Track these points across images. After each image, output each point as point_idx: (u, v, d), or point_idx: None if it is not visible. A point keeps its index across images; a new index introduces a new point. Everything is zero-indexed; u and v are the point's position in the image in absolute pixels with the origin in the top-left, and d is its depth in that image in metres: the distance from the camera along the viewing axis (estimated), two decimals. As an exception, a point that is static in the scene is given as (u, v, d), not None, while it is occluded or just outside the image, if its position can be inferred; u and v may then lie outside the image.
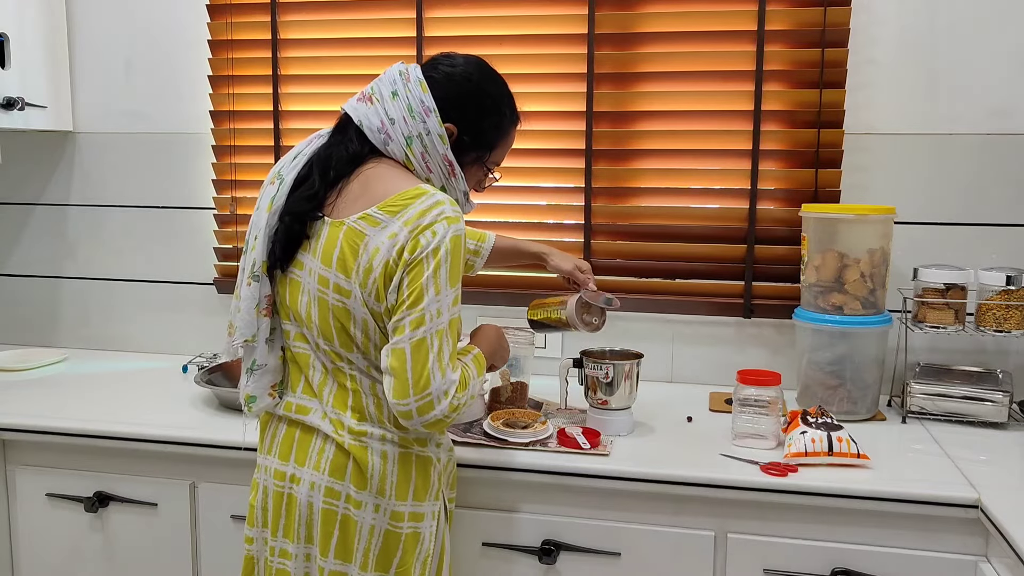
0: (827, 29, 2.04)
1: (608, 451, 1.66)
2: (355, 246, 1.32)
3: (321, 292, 1.36)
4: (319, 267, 1.36)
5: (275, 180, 1.42)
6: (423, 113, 1.39)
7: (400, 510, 1.38)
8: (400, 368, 1.28)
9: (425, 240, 1.29)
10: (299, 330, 1.41)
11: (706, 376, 2.19)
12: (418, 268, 1.29)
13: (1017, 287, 1.88)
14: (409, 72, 1.41)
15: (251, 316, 1.40)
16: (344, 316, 1.34)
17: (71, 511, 1.87)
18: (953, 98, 2.03)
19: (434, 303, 1.29)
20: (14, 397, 2.04)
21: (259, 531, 1.46)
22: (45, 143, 2.50)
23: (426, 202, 1.31)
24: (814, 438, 1.61)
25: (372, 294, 1.32)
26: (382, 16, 2.26)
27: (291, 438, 1.43)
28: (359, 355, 1.37)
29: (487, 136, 1.47)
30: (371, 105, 1.40)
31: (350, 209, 1.35)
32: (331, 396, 1.40)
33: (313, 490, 1.38)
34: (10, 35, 2.23)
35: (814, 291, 1.94)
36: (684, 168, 2.17)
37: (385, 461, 1.37)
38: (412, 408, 1.28)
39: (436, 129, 1.39)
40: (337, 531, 1.38)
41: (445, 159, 1.41)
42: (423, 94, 1.39)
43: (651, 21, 2.14)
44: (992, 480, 1.54)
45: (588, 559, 1.64)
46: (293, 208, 1.38)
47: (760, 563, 1.58)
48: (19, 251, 2.57)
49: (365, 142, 1.40)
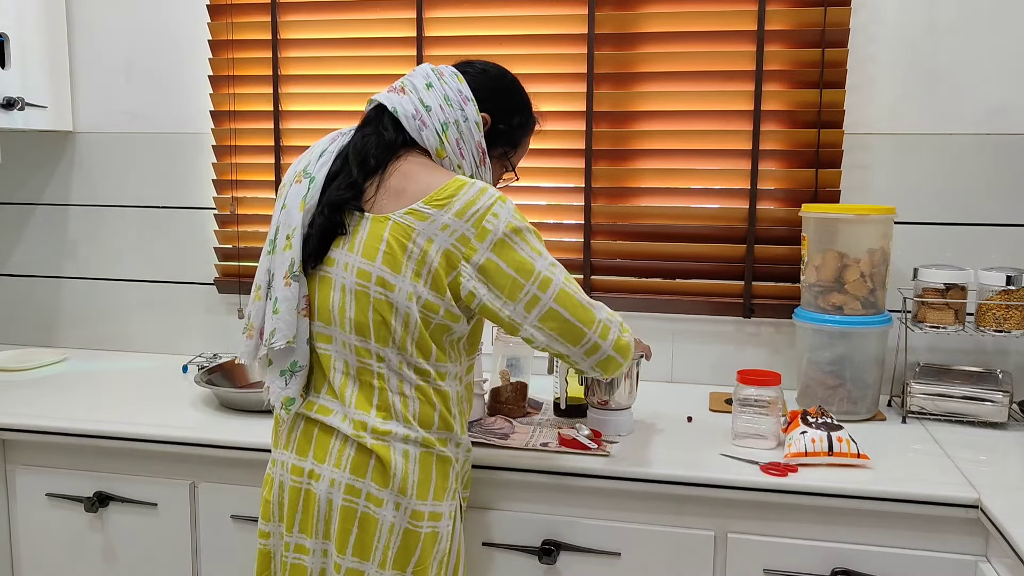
0: (827, 29, 2.04)
1: (608, 451, 1.66)
2: (403, 241, 1.33)
3: (361, 286, 1.35)
4: (359, 261, 1.35)
5: (301, 178, 1.41)
6: (461, 101, 1.43)
7: (420, 509, 1.38)
8: (560, 323, 1.36)
9: (491, 224, 1.32)
10: (323, 330, 1.40)
11: (706, 376, 2.19)
12: (505, 249, 1.33)
13: (1017, 287, 1.88)
14: (442, 69, 1.46)
15: (292, 317, 1.38)
16: (386, 309, 1.34)
17: (71, 511, 1.87)
18: (953, 98, 2.03)
19: (543, 262, 1.36)
20: (14, 397, 2.04)
21: (275, 525, 1.45)
22: (45, 143, 2.50)
23: (470, 191, 1.34)
24: (814, 438, 1.61)
25: (428, 283, 1.33)
26: (382, 16, 2.27)
27: (310, 434, 1.41)
28: (393, 350, 1.36)
29: (516, 133, 1.52)
30: (404, 95, 1.43)
31: (393, 204, 1.36)
32: (354, 397, 1.39)
33: (333, 487, 1.38)
34: (10, 35, 2.23)
35: (814, 291, 1.94)
36: (684, 168, 2.17)
37: (408, 460, 1.37)
38: (593, 340, 1.38)
39: (473, 116, 1.43)
40: (356, 529, 1.37)
41: (479, 146, 1.45)
42: (460, 85, 1.44)
43: (651, 21, 2.14)
44: (992, 480, 1.54)
45: (588, 559, 1.64)
46: (333, 199, 1.38)
47: (760, 563, 1.58)
48: (19, 251, 2.57)
49: (400, 130, 1.42)
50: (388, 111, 1.43)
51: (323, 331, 1.40)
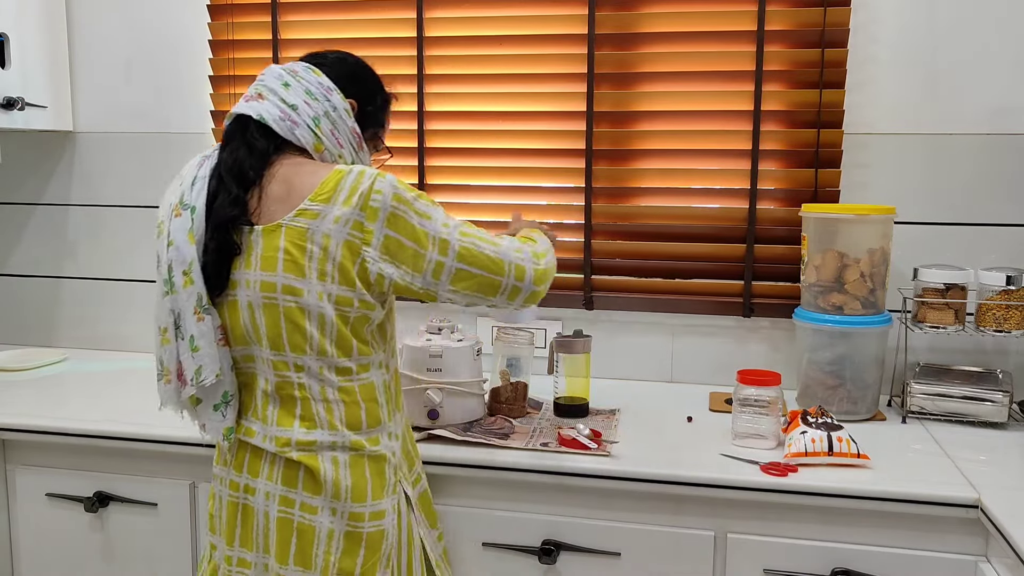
0: (827, 29, 2.04)
1: (609, 451, 1.66)
2: (300, 244, 1.32)
3: (267, 298, 1.34)
4: (259, 275, 1.34)
5: (180, 211, 1.36)
6: (324, 92, 1.42)
7: (359, 511, 1.38)
8: (470, 280, 1.37)
9: (377, 202, 1.32)
10: (242, 352, 1.40)
11: (706, 376, 2.19)
12: (398, 220, 1.33)
13: (1017, 287, 1.88)
14: (293, 66, 1.45)
15: (213, 350, 1.37)
16: (298, 315, 1.33)
17: (71, 511, 1.87)
18: (953, 98, 2.03)
19: (437, 224, 1.36)
20: (14, 397, 2.04)
21: (218, 539, 1.47)
22: (45, 143, 2.50)
23: (350, 177, 1.34)
24: (814, 438, 1.61)
25: (336, 279, 1.32)
26: (382, 16, 2.26)
27: (244, 451, 1.42)
28: (312, 356, 1.35)
29: (380, 112, 1.53)
30: (263, 101, 1.40)
31: (281, 210, 1.34)
32: (275, 414, 1.39)
33: (268, 500, 1.38)
34: (10, 35, 2.23)
35: (814, 291, 1.94)
36: (684, 168, 2.17)
37: (337, 466, 1.37)
38: (511, 284, 1.39)
39: (341, 104, 1.43)
40: (295, 539, 1.37)
41: (353, 131, 1.45)
42: (319, 77, 1.43)
43: (651, 21, 2.14)
44: (992, 480, 1.54)
45: (588, 559, 1.64)
46: (220, 220, 1.34)
47: (760, 563, 1.58)
48: (19, 251, 2.57)
49: (269, 137, 1.39)
50: (253, 120, 1.39)
51: (242, 353, 1.40)
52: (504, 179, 2.25)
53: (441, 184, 2.29)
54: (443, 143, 2.27)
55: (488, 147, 2.25)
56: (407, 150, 2.28)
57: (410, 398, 1.77)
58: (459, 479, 1.67)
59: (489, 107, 2.24)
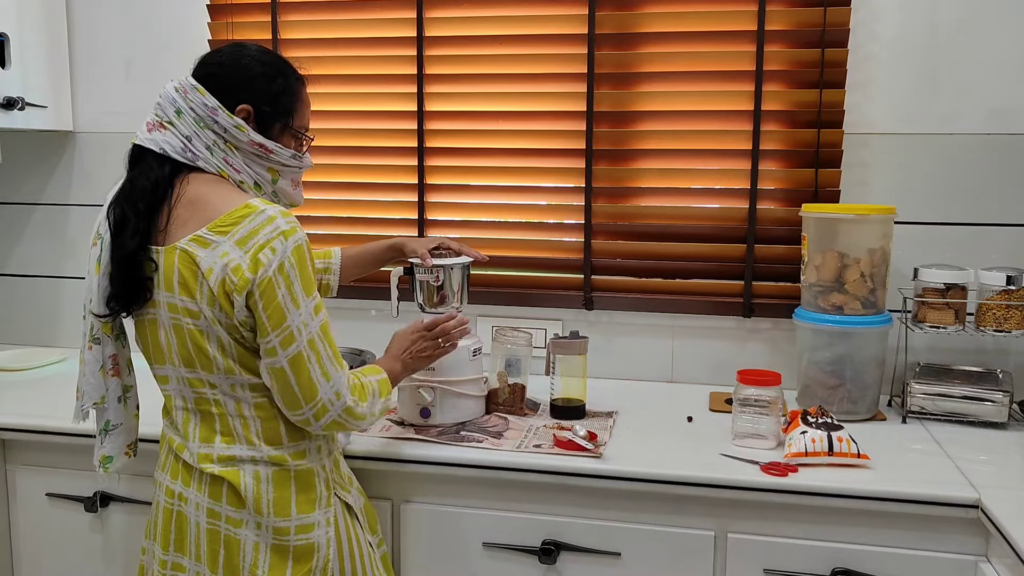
0: (827, 29, 2.04)
1: (601, 453, 1.65)
2: (192, 267, 1.32)
3: (174, 319, 1.36)
4: (166, 296, 1.36)
5: (96, 241, 1.42)
6: (210, 115, 1.38)
7: (283, 525, 1.38)
8: (284, 386, 1.33)
9: (266, 258, 1.29)
10: (159, 371, 1.43)
11: (706, 376, 2.19)
12: (269, 289, 1.30)
13: (1017, 287, 1.88)
14: (184, 84, 1.40)
15: (97, 379, 1.45)
16: (199, 337, 1.35)
17: (71, 511, 1.87)
18: (953, 98, 2.03)
19: (297, 317, 1.32)
20: (14, 397, 2.04)
21: (150, 544, 1.47)
22: (45, 143, 2.50)
23: (256, 220, 1.31)
24: (814, 438, 1.61)
25: (219, 309, 1.32)
26: (382, 16, 2.26)
27: (178, 461, 1.43)
28: (220, 375, 1.37)
29: (283, 100, 1.44)
30: (165, 131, 1.39)
31: (181, 232, 1.35)
32: (196, 430, 1.40)
33: (198, 510, 1.40)
34: (10, 35, 2.23)
35: (814, 291, 1.94)
36: (684, 168, 2.16)
37: (258, 482, 1.38)
38: (308, 416, 1.35)
39: (229, 123, 1.38)
40: (223, 550, 1.38)
41: (252, 144, 1.40)
42: (202, 97, 1.38)
43: (651, 21, 2.14)
44: (992, 480, 1.54)
45: (588, 559, 1.64)
46: (118, 253, 1.37)
47: (760, 563, 1.58)
48: (19, 251, 2.57)
49: (164, 164, 1.38)
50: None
51: (159, 372, 1.43)
52: (504, 179, 2.25)
53: (441, 184, 2.29)
54: (443, 143, 2.27)
55: (488, 147, 2.25)
56: (407, 150, 2.28)
57: (403, 396, 1.77)
58: (459, 479, 1.67)
59: (489, 107, 2.24)
